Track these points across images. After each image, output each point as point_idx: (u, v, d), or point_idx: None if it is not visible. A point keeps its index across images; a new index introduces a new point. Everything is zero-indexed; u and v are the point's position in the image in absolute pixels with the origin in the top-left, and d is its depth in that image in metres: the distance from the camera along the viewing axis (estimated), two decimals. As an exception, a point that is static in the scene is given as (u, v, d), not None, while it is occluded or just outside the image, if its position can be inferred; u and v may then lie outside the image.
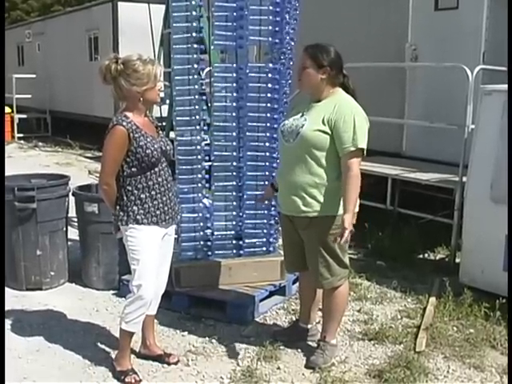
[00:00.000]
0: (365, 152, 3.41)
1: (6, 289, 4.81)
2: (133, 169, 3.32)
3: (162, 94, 3.41)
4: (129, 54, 3.36)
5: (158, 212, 3.37)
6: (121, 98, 3.38)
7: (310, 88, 3.53)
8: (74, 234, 5.33)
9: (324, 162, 3.41)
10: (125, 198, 3.34)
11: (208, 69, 4.78)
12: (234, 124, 4.40)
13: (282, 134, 3.60)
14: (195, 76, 4.32)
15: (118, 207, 3.37)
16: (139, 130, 3.30)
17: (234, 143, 4.42)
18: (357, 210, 3.55)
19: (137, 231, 3.34)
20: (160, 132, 3.55)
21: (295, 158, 3.49)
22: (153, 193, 3.36)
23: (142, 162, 3.30)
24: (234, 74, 4.34)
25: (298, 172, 3.47)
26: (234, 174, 4.46)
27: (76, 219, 5.11)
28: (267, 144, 4.40)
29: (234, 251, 4.62)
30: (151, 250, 3.38)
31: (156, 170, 3.36)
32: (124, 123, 3.26)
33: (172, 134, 5.00)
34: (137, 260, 3.36)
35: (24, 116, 16.12)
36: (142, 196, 3.34)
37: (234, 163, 4.44)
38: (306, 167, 3.44)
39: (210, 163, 4.44)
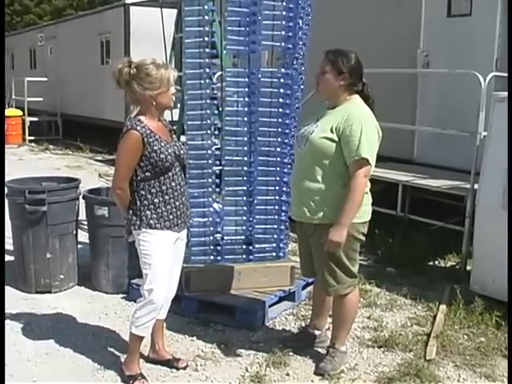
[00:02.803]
0: (371, 162, 3.34)
1: (16, 291, 4.84)
2: (146, 173, 3.31)
3: (173, 98, 3.41)
4: (141, 58, 3.36)
5: (170, 217, 3.36)
6: (134, 102, 3.38)
7: (328, 93, 3.51)
8: (83, 237, 5.34)
9: (330, 169, 3.39)
10: (138, 202, 3.34)
11: (219, 73, 4.78)
12: (246, 129, 4.39)
13: (297, 139, 3.61)
14: (207, 80, 4.33)
15: (131, 211, 3.36)
16: (153, 135, 3.30)
17: (245, 148, 4.42)
18: (369, 218, 3.53)
19: (150, 236, 3.33)
20: (174, 136, 3.55)
21: (304, 164, 3.49)
22: (166, 197, 3.35)
23: (155, 167, 3.30)
24: (246, 79, 4.34)
25: (306, 178, 3.46)
26: (245, 178, 4.46)
27: (86, 222, 5.12)
28: (278, 149, 4.39)
29: (244, 256, 4.61)
30: (163, 255, 3.37)
31: (170, 174, 3.35)
32: (138, 128, 3.26)
33: (183, 138, 5.00)
34: (149, 264, 3.35)
35: (35, 119, 16.21)
36: (156, 201, 3.33)
37: (245, 168, 4.44)
38: (312, 173, 3.43)
39: (220, 168, 4.44)
